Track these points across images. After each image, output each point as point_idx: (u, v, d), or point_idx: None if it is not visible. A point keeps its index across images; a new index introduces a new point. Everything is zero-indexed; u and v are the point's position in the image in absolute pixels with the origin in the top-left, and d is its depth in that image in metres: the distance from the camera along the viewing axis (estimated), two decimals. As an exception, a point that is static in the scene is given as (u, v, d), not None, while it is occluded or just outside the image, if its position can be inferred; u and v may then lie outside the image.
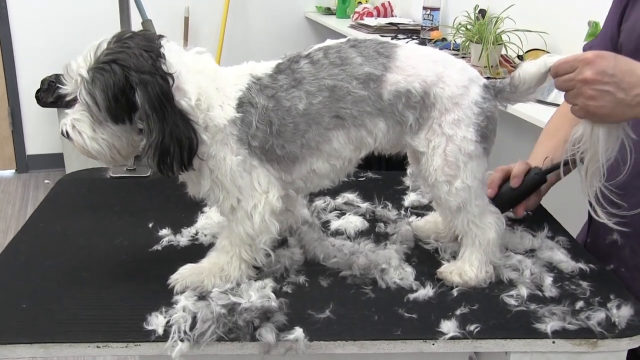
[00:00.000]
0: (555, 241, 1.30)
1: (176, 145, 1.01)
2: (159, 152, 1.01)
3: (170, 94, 1.01)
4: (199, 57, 1.10)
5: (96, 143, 1.05)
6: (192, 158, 1.04)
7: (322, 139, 1.11)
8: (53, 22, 4.41)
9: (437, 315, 1.05)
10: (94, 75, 1.00)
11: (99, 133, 1.04)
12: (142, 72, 0.99)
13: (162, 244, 1.28)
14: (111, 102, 1.00)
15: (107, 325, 1.01)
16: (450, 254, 1.25)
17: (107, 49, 1.01)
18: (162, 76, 1.00)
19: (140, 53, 1.00)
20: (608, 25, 1.37)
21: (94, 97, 1.00)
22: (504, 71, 2.89)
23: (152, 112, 0.99)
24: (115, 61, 0.99)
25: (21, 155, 4.71)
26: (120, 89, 0.99)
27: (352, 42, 1.14)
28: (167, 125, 1.00)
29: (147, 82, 0.99)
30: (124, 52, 1.00)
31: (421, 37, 3.66)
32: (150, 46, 1.02)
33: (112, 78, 0.99)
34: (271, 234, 1.12)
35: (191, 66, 1.06)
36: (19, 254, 1.24)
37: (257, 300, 1.05)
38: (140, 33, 1.05)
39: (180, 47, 1.08)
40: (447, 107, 1.12)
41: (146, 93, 0.99)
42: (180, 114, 1.02)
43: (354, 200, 1.48)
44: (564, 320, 1.04)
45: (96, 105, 1.01)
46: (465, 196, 1.14)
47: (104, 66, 0.99)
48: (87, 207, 1.46)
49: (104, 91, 0.99)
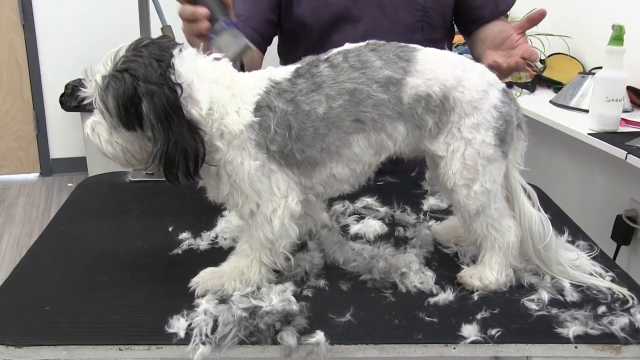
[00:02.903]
0: (576, 245, 1.29)
1: (181, 155, 1.02)
2: (164, 161, 1.02)
3: (177, 105, 1.01)
4: (215, 64, 1.09)
5: (111, 146, 1.06)
6: (198, 168, 1.04)
7: (342, 143, 1.12)
8: (77, 28, 4.47)
9: (457, 319, 1.05)
10: (108, 82, 1.01)
11: (114, 137, 1.06)
12: (149, 83, 1.00)
13: (182, 248, 1.29)
14: (121, 110, 1.01)
15: (129, 328, 1.02)
16: (470, 257, 1.25)
17: (123, 57, 1.02)
18: (169, 87, 1.01)
19: (151, 63, 1.01)
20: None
21: (106, 104, 1.02)
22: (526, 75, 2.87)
23: (157, 122, 1.00)
24: (127, 70, 1.01)
25: (45, 158, 4.77)
26: (129, 98, 1.00)
27: (371, 46, 1.14)
28: (172, 136, 1.01)
29: (153, 93, 1.00)
30: (136, 62, 1.01)
31: (441, 40, 3.64)
32: (162, 55, 1.03)
33: (122, 87, 1.00)
34: (291, 238, 1.12)
35: (205, 75, 1.06)
36: (41, 257, 1.25)
37: (278, 303, 1.05)
38: (157, 41, 1.05)
39: (196, 54, 1.08)
40: (467, 111, 1.12)
41: (152, 103, 1.00)
42: (187, 124, 1.02)
43: (372, 204, 1.48)
44: (586, 325, 1.03)
45: (108, 112, 1.02)
46: (484, 200, 1.14)
47: (116, 74, 1.01)
48: (107, 211, 1.47)
49: (115, 99, 1.01)
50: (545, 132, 2.66)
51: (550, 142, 2.97)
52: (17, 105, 4.62)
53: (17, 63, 4.54)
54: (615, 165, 2.54)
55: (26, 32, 4.47)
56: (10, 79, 4.56)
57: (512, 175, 1.19)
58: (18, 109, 4.63)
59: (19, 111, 4.64)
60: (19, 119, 4.66)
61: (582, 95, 2.58)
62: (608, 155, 2.17)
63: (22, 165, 4.78)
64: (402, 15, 1.65)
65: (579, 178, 2.88)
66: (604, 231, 2.51)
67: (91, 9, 4.46)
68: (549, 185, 1.98)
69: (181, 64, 1.04)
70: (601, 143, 2.18)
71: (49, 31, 4.50)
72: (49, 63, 4.56)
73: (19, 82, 4.58)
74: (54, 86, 4.51)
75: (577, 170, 2.88)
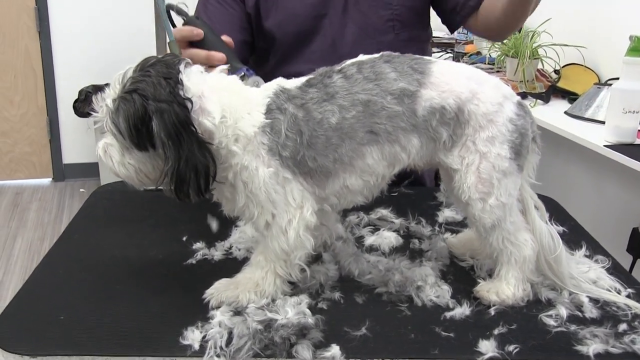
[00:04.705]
0: (594, 260, 1.28)
1: (192, 172, 1.02)
2: (174, 179, 1.02)
3: (188, 121, 1.01)
4: (222, 76, 1.10)
5: (124, 168, 1.07)
6: (209, 185, 1.04)
7: (355, 154, 1.11)
8: (91, 35, 4.50)
9: (474, 334, 1.03)
10: (118, 104, 1.02)
11: (127, 158, 1.06)
12: (159, 101, 1.00)
13: (197, 258, 1.28)
14: (132, 131, 1.01)
15: (143, 339, 1.02)
16: (486, 271, 1.23)
17: (131, 77, 1.02)
18: (179, 103, 1.01)
19: (159, 81, 1.01)
20: None
21: (118, 126, 1.02)
22: (540, 85, 2.86)
23: (167, 139, 1.00)
24: (136, 90, 1.01)
25: (58, 164, 4.80)
26: (139, 119, 1.00)
27: (386, 58, 1.14)
28: (183, 153, 1.01)
29: (163, 111, 1.00)
30: (144, 81, 1.01)
31: (456, 50, 3.65)
32: (170, 73, 1.03)
33: (132, 108, 1.00)
34: (306, 249, 1.12)
35: (214, 85, 1.06)
36: (55, 266, 1.25)
37: (294, 316, 1.04)
38: (163, 60, 1.06)
39: (202, 68, 1.08)
40: (482, 124, 1.11)
41: (162, 121, 1.00)
42: (197, 141, 1.02)
43: (387, 216, 1.47)
44: (607, 343, 1.01)
45: (120, 133, 1.02)
46: (499, 214, 1.13)
47: (126, 96, 1.01)
48: (121, 219, 1.47)
49: (126, 120, 1.01)
50: (560, 143, 2.65)
51: (565, 154, 2.95)
52: (31, 110, 4.66)
53: (32, 69, 4.57)
54: (632, 177, 2.52)
55: (42, 38, 4.50)
56: (25, 84, 4.60)
57: (523, 188, 1.19)
58: (32, 115, 4.67)
59: (33, 116, 4.67)
60: (32, 124, 4.69)
61: (598, 107, 2.56)
62: (624, 167, 2.15)
63: (35, 170, 4.81)
64: (370, 18, 1.60)
65: (594, 190, 2.86)
66: (619, 244, 2.49)
67: (106, 16, 4.49)
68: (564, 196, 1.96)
69: (188, 78, 1.04)
70: (617, 155, 2.17)
71: (64, 38, 4.54)
72: (64, 69, 4.60)
73: (34, 87, 4.61)
74: (67, 92, 4.54)
75: (592, 182, 2.86)
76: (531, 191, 1.20)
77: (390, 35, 1.62)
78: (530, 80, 2.86)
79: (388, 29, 1.62)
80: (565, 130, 2.49)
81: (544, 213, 1.20)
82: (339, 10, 1.60)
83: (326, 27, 1.61)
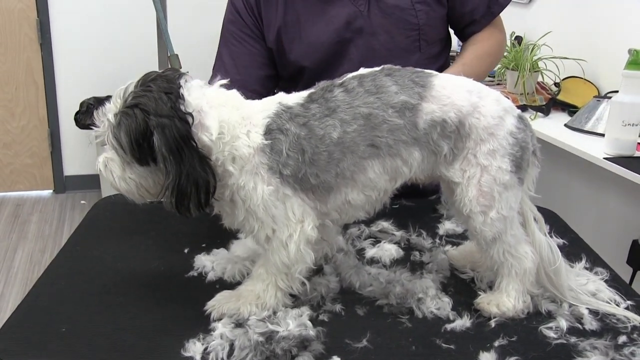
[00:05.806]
0: (594, 272, 1.28)
1: (193, 186, 1.02)
2: (176, 193, 1.02)
3: (189, 135, 1.02)
4: (222, 90, 1.11)
5: (125, 182, 1.08)
6: (209, 199, 1.05)
7: (357, 168, 1.11)
8: (93, 48, 4.51)
9: (475, 346, 1.04)
10: (120, 119, 1.02)
11: (128, 173, 1.07)
12: (160, 116, 1.01)
13: (198, 270, 1.28)
14: (134, 145, 1.02)
15: (145, 351, 1.02)
16: (486, 283, 1.24)
17: (132, 92, 1.03)
18: (180, 118, 1.01)
19: (160, 96, 1.02)
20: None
21: (120, 140, 1.03)
22: (540, 98, 2.87)
23: (168, 154, 1.01)
24: (137, 105, 1.01)
25: (59, 175, 4.80)
26: (141, 133, 1.01)
27: (387, 71, 1.14)
28: (184, 167, 1.01)
29: (164, 125, 1.00)
30: (145, 96, 1.02)
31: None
32: (171, 87, 1.03)
33: (134, 123, 1.01)
34: (306, 263, 1.12)
35: (213, 100, 1.07)
36: (58, 277, 1.26)
37: (295, 328, 1.05)
38: (164, 75, 1.06)
39: (203, 83, 1.09)
40: (483, 137, 1.12)
41: (163, 136, 1.00)
42: (198, 155, 1.03)
43: (388, 228, 1.48)
44: (607, 355, 1.02)
45: (121, 148, 1.03)
46: (500, 227, 1.13)
47: (127, 111, 1.02)
48: (122, 231, 1.48)
49: (128, 135, 1.02)
50: (560, 156, 2.65)
51: (565, 166, 2.96)
52: (32, 122, 4.66)
53: (34, 81, 4.58)
54: (631, 189, 2.52)
55: (43, 50, 4.52)
56: (26, 96, 4.61)
57: (523, 201, 1.19)
58: (33, 127, 4.67)
59: (35, 128, 4.67)
60: (34, 136, 4.69)
61: (598, 119, 2.57)
62: (624, 179, 2.15)
63: (36, 181, 4.81)
64: (398, 39, 1.61)
65: (594, 202, 2.86)
66: (619, 256, 2.49)
67: (108, 28, 4.50)
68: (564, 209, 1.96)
69: (189, 93, 1.04)
70: (617, 167, 2.17)
71: (66, 50, 4.54)
72: (65, 81, 4.60)
73: (35, 99, 4.62)
74: (69, 104, 4.54)
75: (592, 194, 2.86)
76: (530, 204, 1.20)
77: (416, 55, 1.62)
78: (531, 93, 2.87)
79: (415, 49, 1.62)
80: (565, 143, 2.49)
81: (543, 225, 1.21)
82: (365, 33, 1.59)
83: (352, 50, 1.60)
